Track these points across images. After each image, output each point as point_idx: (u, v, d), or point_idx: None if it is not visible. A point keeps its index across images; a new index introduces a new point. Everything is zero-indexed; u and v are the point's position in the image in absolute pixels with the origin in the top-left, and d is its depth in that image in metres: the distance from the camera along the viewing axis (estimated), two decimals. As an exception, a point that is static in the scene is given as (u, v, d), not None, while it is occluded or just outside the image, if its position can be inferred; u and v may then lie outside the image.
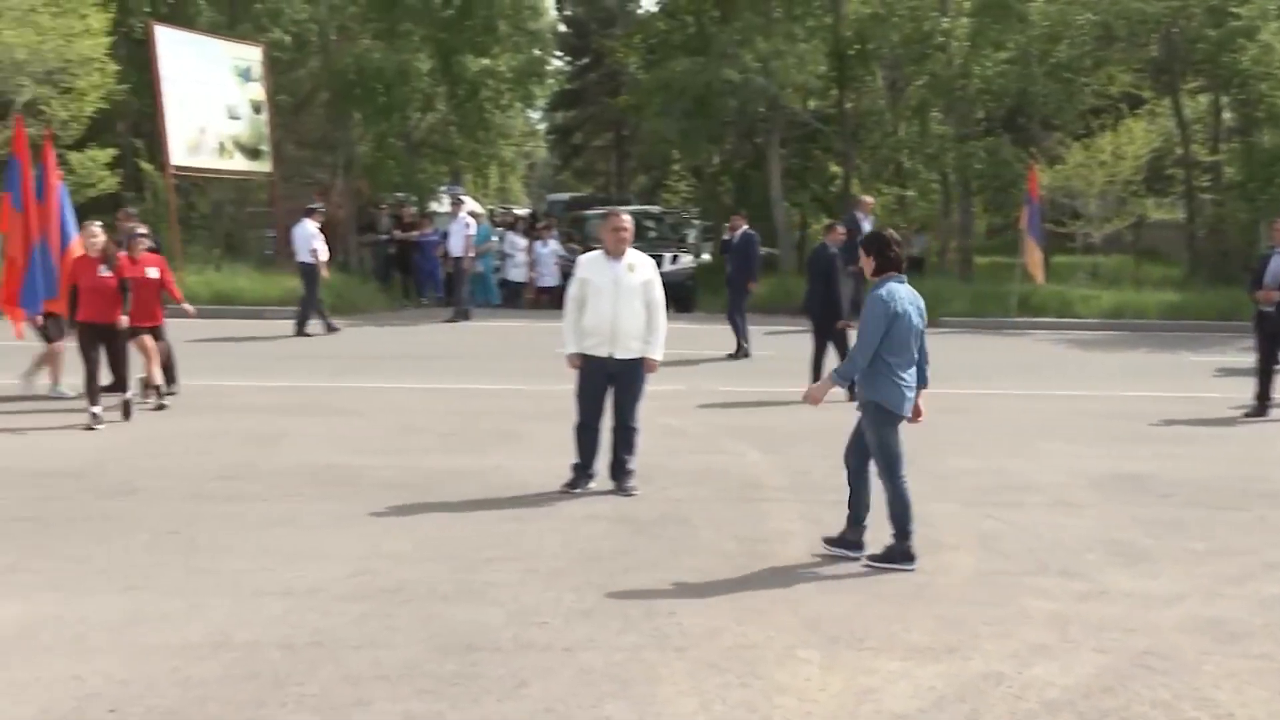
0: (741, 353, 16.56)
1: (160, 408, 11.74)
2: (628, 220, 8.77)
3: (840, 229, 14.88)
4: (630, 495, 8.56)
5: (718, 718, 4.91)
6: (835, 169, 30.52)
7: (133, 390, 11.57)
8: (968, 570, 7.02)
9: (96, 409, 10.83)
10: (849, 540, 7.20)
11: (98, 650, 5.36)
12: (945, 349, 19.06)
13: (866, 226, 20.92)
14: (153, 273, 12.05)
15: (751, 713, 4.94)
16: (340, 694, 4.95)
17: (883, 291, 6.98)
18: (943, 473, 9.61)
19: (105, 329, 11.09)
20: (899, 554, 7.02)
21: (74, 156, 22.34)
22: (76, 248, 11.57)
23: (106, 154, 23.72)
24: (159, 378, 11.91)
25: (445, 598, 6.22)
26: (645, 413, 8.91)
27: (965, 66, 26.33)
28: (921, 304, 7.18)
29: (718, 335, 16.59)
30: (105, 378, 11.21)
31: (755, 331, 17.37)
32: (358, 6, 28.46)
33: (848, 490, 7.27)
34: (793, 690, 5.15)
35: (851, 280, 16.08)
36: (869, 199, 22.10)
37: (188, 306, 12.52)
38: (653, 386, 9.05)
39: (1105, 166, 23.91)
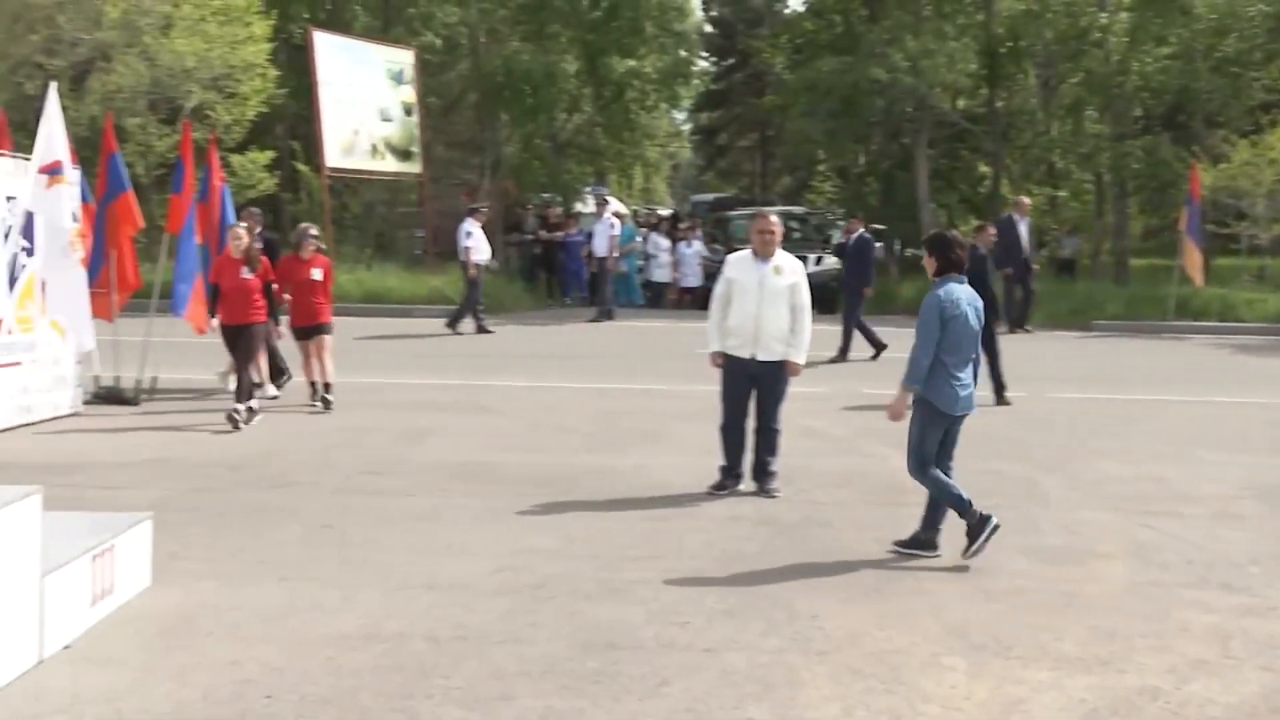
0: (841, 355, 16.28)
1: (325, 407, 11.80)
2: (775, 222, 8.71)
3: (991, 230, 14.56)
4: (772, 497, 8.51)
5: (860, 724, 4.85)
6: (984, 169, 29.95)
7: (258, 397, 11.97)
8: (1121, 580, 6.81)
9: (253, 404, 11.09)
10: (922, 542, 7.18)
11: (254, 638, 5.52)
12: (1099, 354, 18.65)
13: (1023, 229, 20.47)
14: (317, 274, 12.14)
15: (895, 720, 4.87)
16: (484, 688, 5.01)
17: (941, 292, 7.10)
18: (1096, 479, 9.36)
19: (241, 329, 11.18)
20: (975, 528, 7.00)
21: (235, 159, 23.11)
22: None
23: (265, 156, 24.47)
24: (314, 374, 12.03)
25: (588, 595, 6.26)
26: (788, 414, 8.85)
27: (1124, 63, 25.59)
28: (980, 305, 7.27)
29: (856, 337, 16.39)
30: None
31: (904, 334, 17.11)
32: (507, 9, 28.87)
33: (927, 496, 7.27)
34: (937, 698, 5.05)
35: (1002, 283, 15.79)
36: (1026, 200, 21.61)
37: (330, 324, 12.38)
38: (796, 388, 8.98)
39: (1275, 165, 22.98)
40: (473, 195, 26.50)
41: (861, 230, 17.34)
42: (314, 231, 12.51)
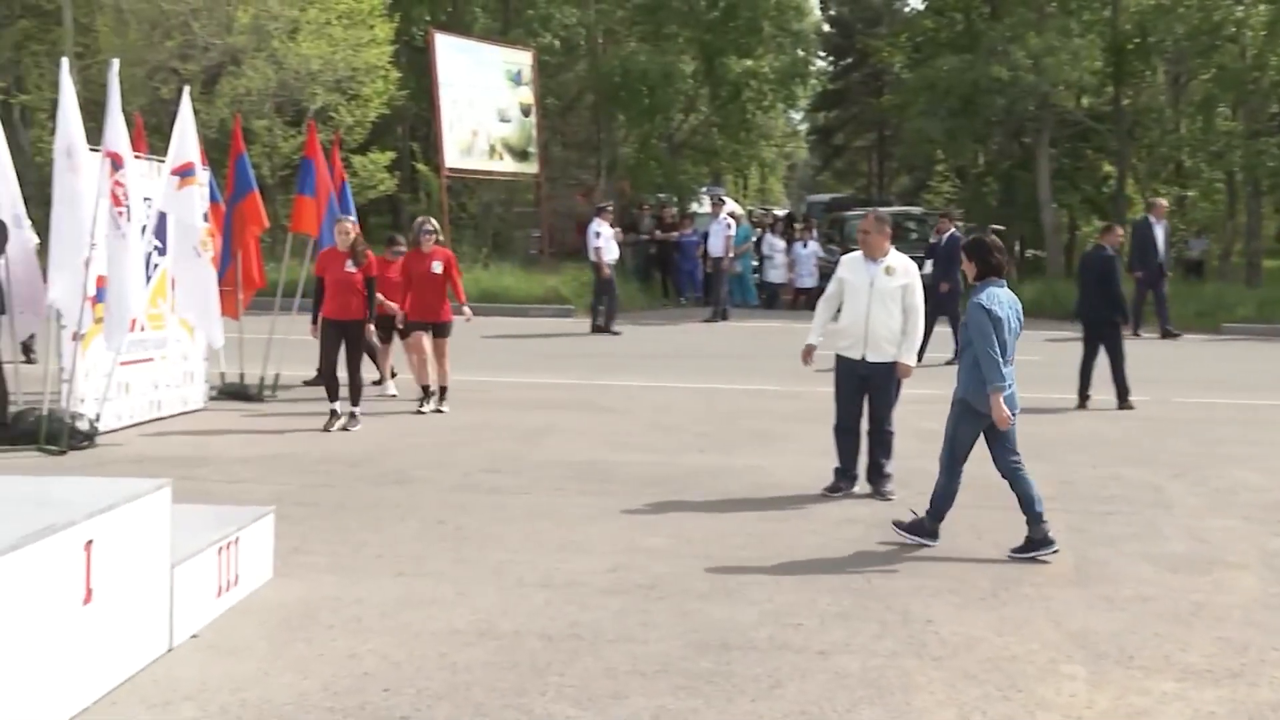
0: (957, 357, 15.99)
1: (437, 411, 11.75)
2: (872, 222, 8.65)
3: (1118, 230, 14.20)
4: (887, 499, 8.43)
5: (977, 732, 4.77)
6: (1108, 169, 29.28)
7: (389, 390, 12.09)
8: (1252, 591, 6.59)
9: (335, 406, 10.84)
10: (1035, 540, 7.13)
11: (372, 631, 5.62)
12: (1228, 357, 18.11)
13: (1159, 231, 19.94)
14: (437, 268, 11.87)
15: (1013, 729, 4.78)
16: (598, 686, 5.03)
17: (983, 296, 7.22)
18: (1224, 486, 9.08)
19: (344, 325, 10.90)
20: (926, 531, 7.32)
21: (357, 159, 23.58)
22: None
23: (386, 157, 24.94)
24: (425, 378, 11.86)
25: (701, 595, 6.25)
26: (903, 416, 8.76)
27: (1260, 57, 24.83)
28: (1019, 307, 7.41)
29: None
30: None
31: (1025, 337, 16.77)
32: (625, 10, 29.01)
33: (1015, 497, 7.29)
34: (1057, 706, 4.95)
35: (1133, 286, 15.30)
36: (1163, 202, 21.08)
37: (467, 310, 12.27)
38: (912, 390, 8.88)
39: None
40: (588, 196, 26.68)
41: (952, 230, 17.06)
42: (430, 226, 12.21)
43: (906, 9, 43.74)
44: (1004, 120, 27.29)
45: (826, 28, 47.17)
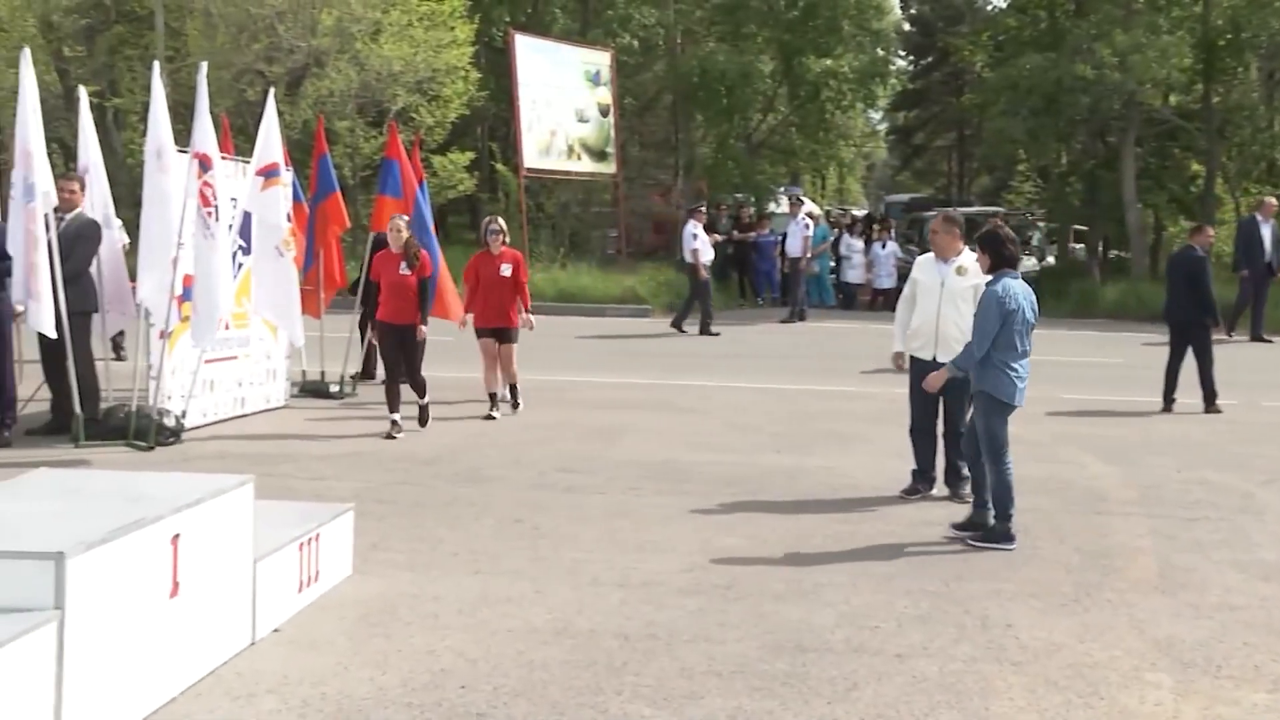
0: None
1: (513, 407, 11.72)
2: (939, 222, 8.67)
3: (1209, 230, 13.91)
4: (965, 501, 8.32)
5: (1058, 739, 4.70)
6: (1196, 168, 28.68)
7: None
8: (1344, 601, 6.43)
9: (395, 416, 10.50)
10: (974, 522, 7.47)
11: (449, 628, 5.66)
12: (1320, 360, 17.67)
13: (1266, 231, 19.51)
14: (506, 270, 11.63)
15: (1094, 737, 4.71)
16: (674, 686, 5.03)
17: (998, 288, 7.30)
18: (1315, 494, 8.88)
19: (402, 329, 10.66)
20: (999, 534, 7.31)
21: (436, 160, 23.80)
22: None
23: (465, 157, 25.14)
24: (494, 385, 11.61)
25: (777, 596, 6.23)
26: (985, 419, 8.65)
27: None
28: (1034, 299, 7.49)
29: (1058, 341, 15.90)
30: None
31: (1106, 339, 16.53)
32: (704, 10, 28.98)
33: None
34: (1141, 715, 4.86)
35: (1237, 286, 14.80)
36: (1272, 201, 20.59)
37: (530, 319, 11.84)
38: (994, 392, 8.76)
39: None
40: (666, 196, 26.68)
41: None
42: (495, 226, 11.85)
43: (989, 7, 43.18)
44: (1088, 119, 26.82)
45: (907, 26, 46.78)
